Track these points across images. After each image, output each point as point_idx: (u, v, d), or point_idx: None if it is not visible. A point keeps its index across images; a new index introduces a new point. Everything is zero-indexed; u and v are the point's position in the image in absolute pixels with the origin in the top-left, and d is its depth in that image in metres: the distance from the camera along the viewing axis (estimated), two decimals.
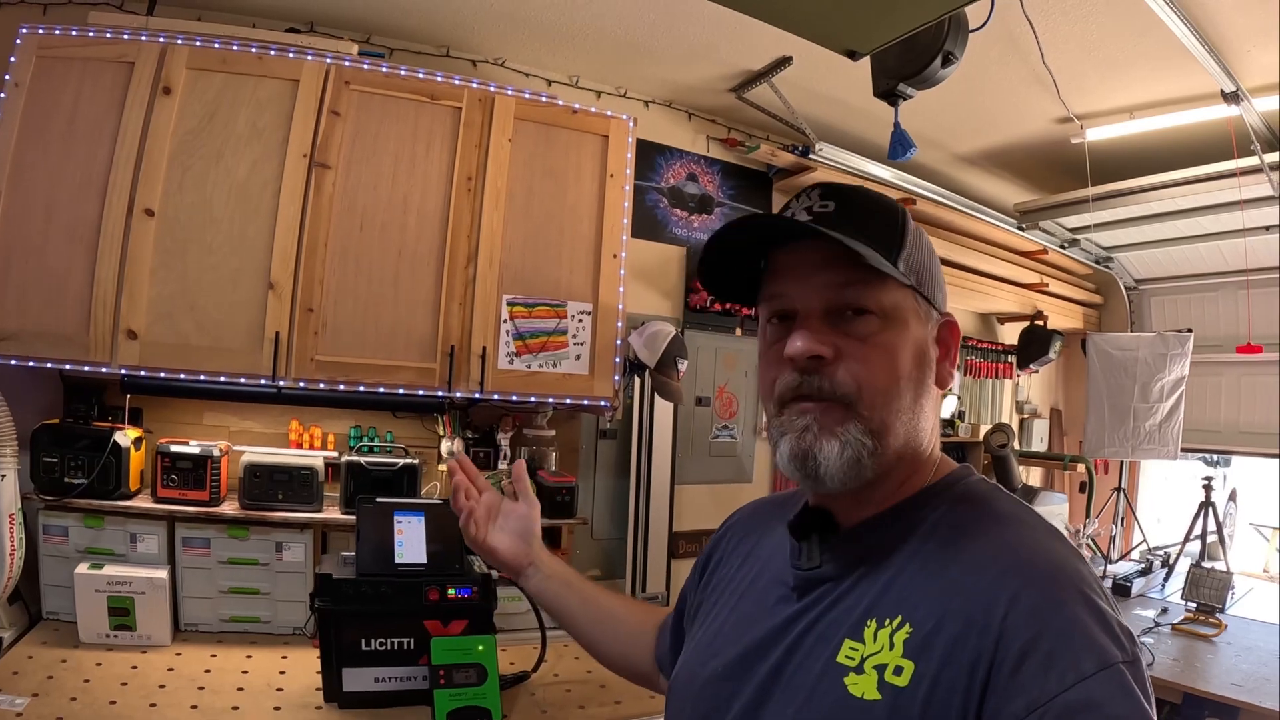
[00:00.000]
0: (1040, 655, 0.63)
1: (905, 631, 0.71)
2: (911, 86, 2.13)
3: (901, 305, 0.79)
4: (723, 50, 2.78)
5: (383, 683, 1.84)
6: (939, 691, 0.66)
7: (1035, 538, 0.74)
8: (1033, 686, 0.62)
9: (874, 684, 0.70)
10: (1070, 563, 0.71)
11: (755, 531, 1.00)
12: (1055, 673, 0.62)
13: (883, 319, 0.78)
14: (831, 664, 0.74)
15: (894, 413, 0.78)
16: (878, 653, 0.71)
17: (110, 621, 1.99)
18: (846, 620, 0.76)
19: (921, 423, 0.81)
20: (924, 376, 0.81)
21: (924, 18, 1.44)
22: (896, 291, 0.79)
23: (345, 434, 2.59)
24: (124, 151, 2.05)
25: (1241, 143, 2.80)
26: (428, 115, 2.37)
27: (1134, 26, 2.31)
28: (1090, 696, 0.61)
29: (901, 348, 0.78)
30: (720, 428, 3.51)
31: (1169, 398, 3.94)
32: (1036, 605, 0.66)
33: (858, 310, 0.78)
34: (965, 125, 3.34)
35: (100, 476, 2.07)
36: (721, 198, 3.48)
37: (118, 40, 2.07)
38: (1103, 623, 0.66)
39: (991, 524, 0.76)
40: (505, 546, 1.19)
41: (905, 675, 0.69)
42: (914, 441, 0.80)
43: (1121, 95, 2.86)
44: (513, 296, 2.49)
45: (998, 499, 0.81)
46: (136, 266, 2.05)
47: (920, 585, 0.73)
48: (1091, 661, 0.62)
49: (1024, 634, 0.64)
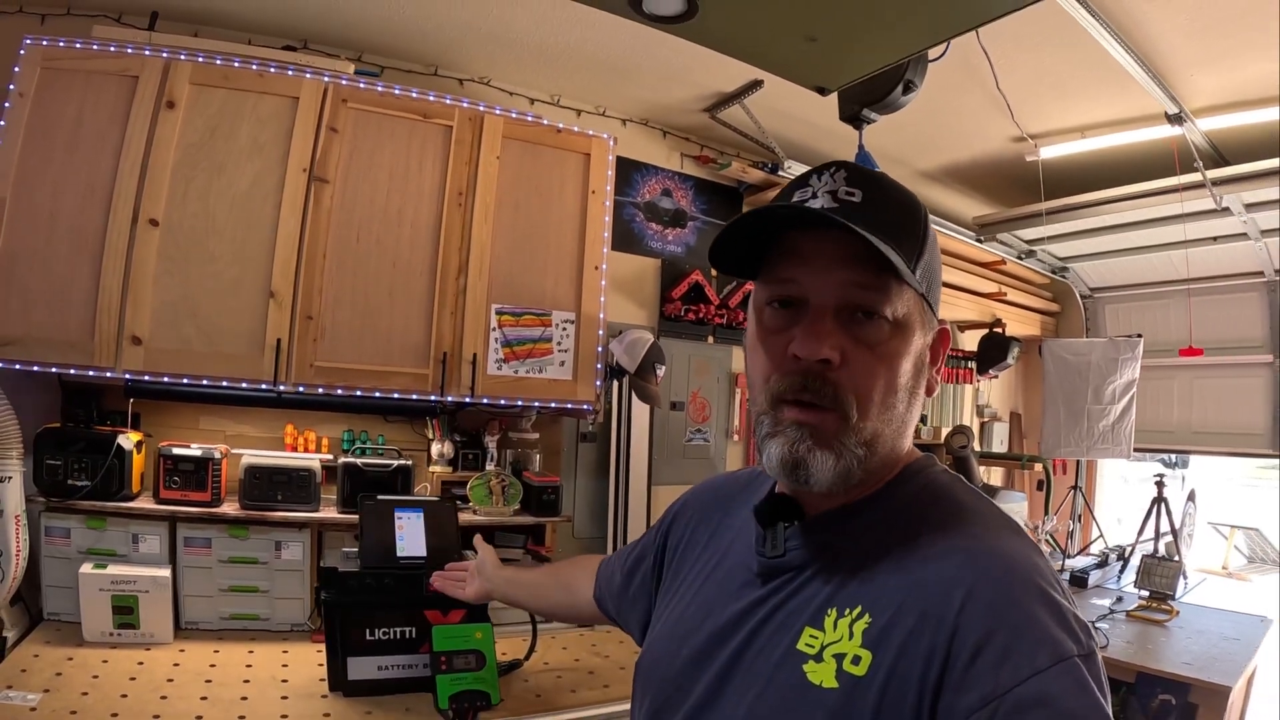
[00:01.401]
0: (995, 649, 0.64)
1: (864, 622, 0.71)
2: (875, 112, 2.29)
3: (911, 313, 0.77)
4: (698, 73, 2.92)
5: (386, 670, 1.93)
6: (894, 683, 0.67)
7: (992, 531, 0.75)
8: (987, 680, 0.63)
9: (832, 672, 0.71)
10: (1026, 556, 0.71)
11: (718, 513, 0.99)
12: (1009, 666, 0.62)
13: (893, 326, 0.76)
14: (791, 651, 0.75)
15: (887, 422, 0.77)
16: (837, 641, 0.72)
17: (114, 620, 2.04)
18: (807, 608, 0.76)
19: (908, 428, 0.81)
20: (919, 385, 0.80)
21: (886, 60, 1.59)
22: (910, 299, 0.77)
23: (338, 437, 2.67)
24: (128, 162, 2.12)
25: (1185, 160, 3.01)
26: (421, 133, 2.47)
27: (1083, 55, 2.49)
28: (1045, 690, 0.61)
29: (905, 358, 0.77)
30: (694, 431, 3.63)
31: (1121, 400, 4.15)
32: (991, 599, 0.66)
33: (868, 313, 0.75)
34: (927, 144, 3.53)
35: (104, 479, 2.12)
36: (694, 212, 3.62)
37: (121, 54, 2.14)
38: (1058, 616, 0.66)
39: (950, 517, 0.77)
40: (473, 591, 1.61)
41: (863, 665, 0.69)
42: (898, 445, 0.81)
43: (1073, 116, 3.05)
44: (501, 305, 2.59)
45: (957, 491, 0.82)
46: (140, 274, 2.12)
47: (880, 576, 0.74)
48: (1046, 655, 0.63)
49: (979, 628, 0.65)
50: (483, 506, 2.67)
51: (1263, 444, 4.21)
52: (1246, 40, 2.40)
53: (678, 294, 3.47)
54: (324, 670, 1.97)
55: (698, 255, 3.61)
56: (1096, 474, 5.13)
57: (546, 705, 2.01)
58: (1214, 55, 2.48)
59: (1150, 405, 4.36)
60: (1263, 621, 3.07)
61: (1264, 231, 3.69)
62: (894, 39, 1.46)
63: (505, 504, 2.71)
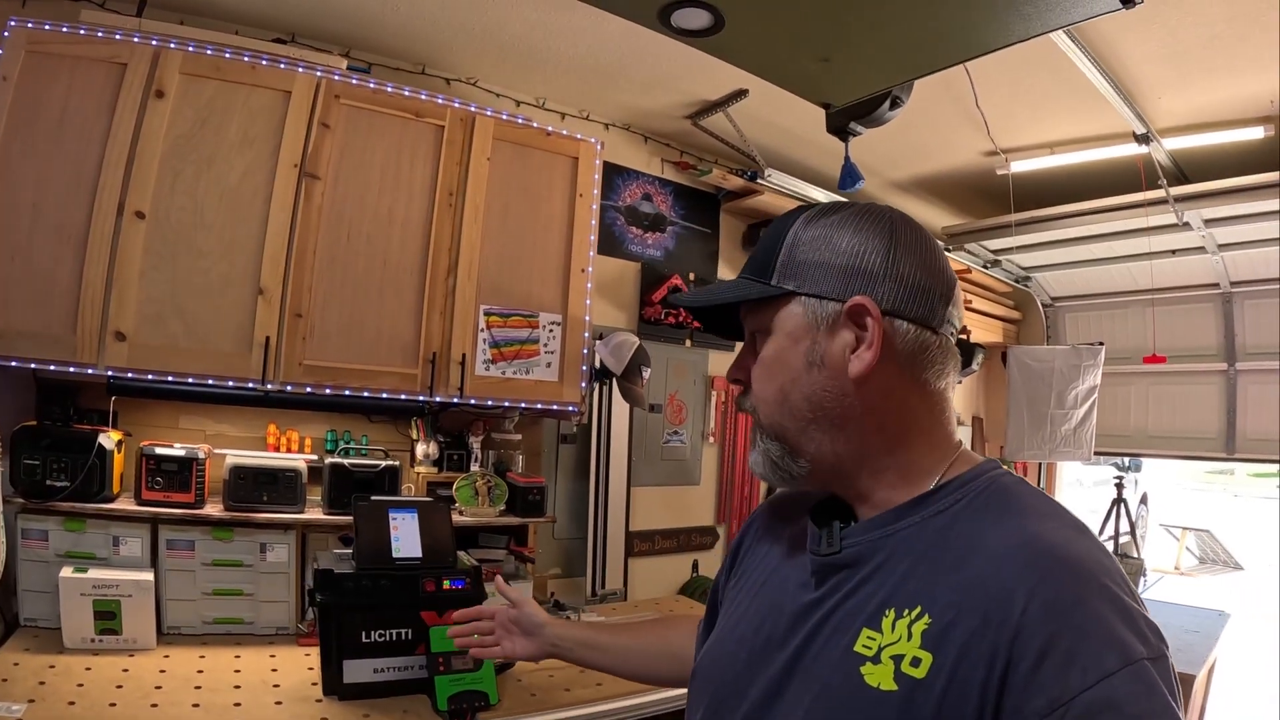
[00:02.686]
0: (1061, 652, 0.62)
1: (924, 622, 0.70)
2: (862, 125, 2.34)
3: (785, 316, 0.83)
4: (684, 80, 2.95)
5: (382, 673, 1.91)
6: (956, 685, 0.66)
7: (1058, 530, 0.72)
8: (1054, 684, 0.61)
9: (890, 674, 0.69)
10: (1093, 556, 0.69)
11: (780, 521, 0.99)
12: (1077, 669, 0.61)
13: (772, 335, 0.84)
14: (849, 653, 0.73)
15: (790, 415, 0.82)
16: (895, 643, 0.71)
17: (96, 625, 1.98)
18: (864, 609, 0.75)
19: (854, 415, 0.80)
20: (823, 376, 0.81)
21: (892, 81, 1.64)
22: (780, 306, 0.83)
23: (321, 437, 2.64)
24: (115, 152, 2.06)
25: (1150, 177, 3.14)
26: (412, 132, 2.46)
27: (1059, 75, 2.59)
28: (1113, 694, 0.60)
29: (783, 358, 0.82)
30: (671, 433, 3.66)
31: (1083, 405, 4.30)
32: (1056, 600, 0.65)
33: (755, 333, 0.86)
34: (901, 155, 3.61)
35: (84, 479, 2.06)
36: (674, 217, 3.65)
37: (110, 40, 2.08)
38: (1126, 618, 0.64)
39: (1014, 516, 0.74)
40: (524, 650, 1.34)
41: (923, 667, 0.68)
42: (863, 433, 0.81)
43: (1044, 132, 3.16)
44: (490, 307, 2.59)
45: (1023, 492, 0.79)
46: (126, 268, 2.06)
47: (940, 576, 0.72)
48: (1114, 658, 0.61)
49: (1044, 630, 0.63)
50: (469, 507, 2.65)
51: (1215, 447, 4.41)
52: (1212, 66, 2.52)
53: (657, 297, 3.50)
54: (315, 674, 1.95)
55: (677, 260, 3.64)
56: (1056, 477, 5.29)
57: (542, 704, 2.01)
58: (1181, 79, 2.60)
59: (1109, 410, 4.52)
60: (1220, 615, 3.21)
61: (1221, 246, 3.87)
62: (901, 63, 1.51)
63: (491, 505, 2.70)
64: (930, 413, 0.83)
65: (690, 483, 3.74)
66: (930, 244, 0.84)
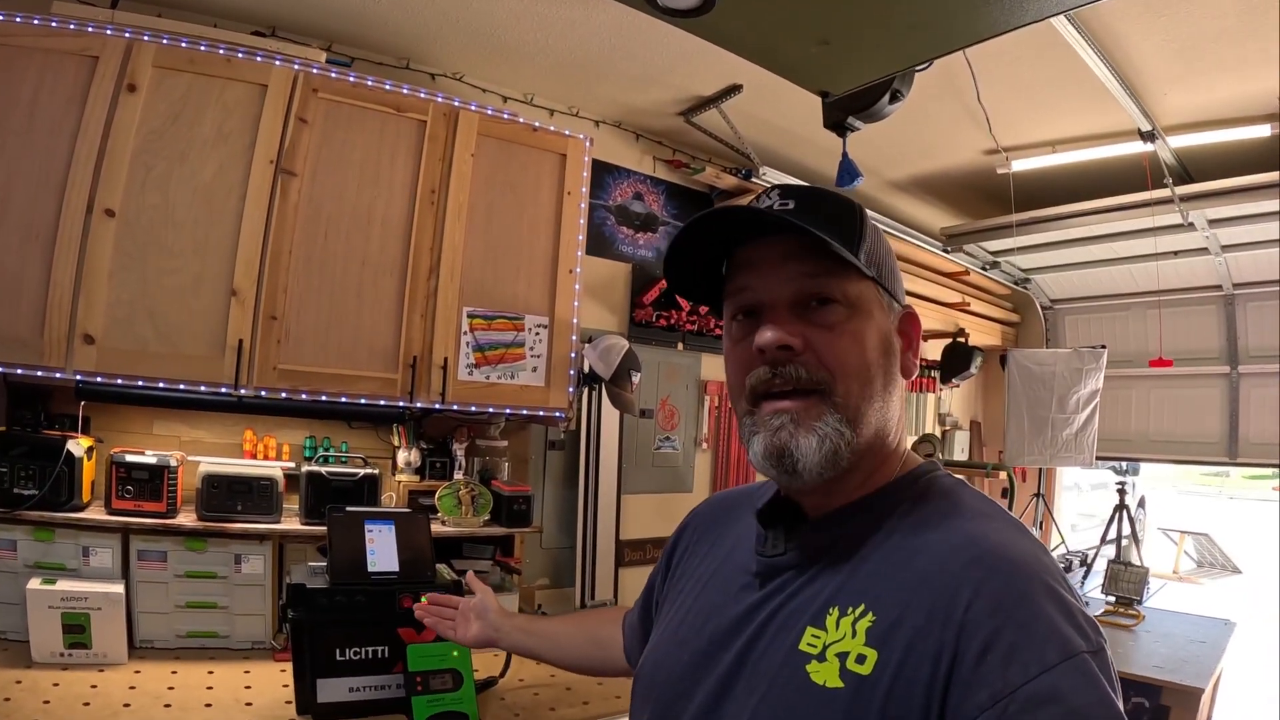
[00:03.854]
0: (1003, 646, 0.63)
1: (869, 620, 0.71)
2: (860, 120, 2.26)
3: (865, 295, 0.80)
4: (677, 75, 2.87)
5: (357, 692, 1.83)
6: (902, 681, 0.66)
7: (999, 530, 0.74)
8: (996, 678, 0.62)
9: (836, 672, 0.70)
10: (1034, 554, 0.71)
11: (720, 523, 1.00)
12: (1019, 664, 0.62)
13: (849, 308, 0.79)
14: (794, 652, 0.74)
15: (868, 399, 0.79)
16: (840, 640, 0.71)
17: (65, 639, 1.90)
18: (809, 608, 0.76)
19: (890, 412, 0.82)
20: (890, 365, 0.81)
21: (894, 68, 1.57)
22: (860, 282, 0.80)
23: (300, 444, 2.56)
24: (85, 148, 1.98)
25: (1155, 176, 3.07)
26: (393, 127, 2.38)
27: (1062, 69, 2.52)
28: (1055, 687, 0.61)
29: (869, 334, 0.79)
30: (663, 439, 3.59)
31: (1084, 409, 4.23)
32: (1000, 597, 0.66)
33: (823, 300, 0.79)
34: (899, 154, 3.54)
35: (53, 487, 1.98)
36: (665, 217, 3.58)
37: (82, 33, 2.00)
38: (1066, 613, 0.66)
39: (956, 517, 0.76)
40: (473, 634, 1.41)
41: (868, 664, 0.68)
42: (884, 431, 0.81)
43: (1046, 130, 3.09)
44: (473, 309, 2.51)
45: (963, 493, 0.82)
46: (94, 269, 1.99)
47: (884, 575, 0.73)
48: (1055, 652, 0.63)
49: (987, 626, 0.65)
50: (451, 517, 2.57)
51: (1217, 452, 4.35)
52: (1219, 61, 2.46)
53: (648, 299, 3.42)
54: (289, 692, 1.86)
55: None
56: (1055, 482, 5.22)
57: None
58: (1189, 74, 2.53)
59: (1109, 414, 4.46)
60: (1225, 624, 3.14)
61: (1224, 247, 3.81)
62: (905, 47, 1.43)
63: (475, 515, 2.62)
64: (903, 417, 0.87)
65: (683, 490, 3.66)
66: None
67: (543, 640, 1.38)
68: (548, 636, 1.39)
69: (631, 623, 1.20)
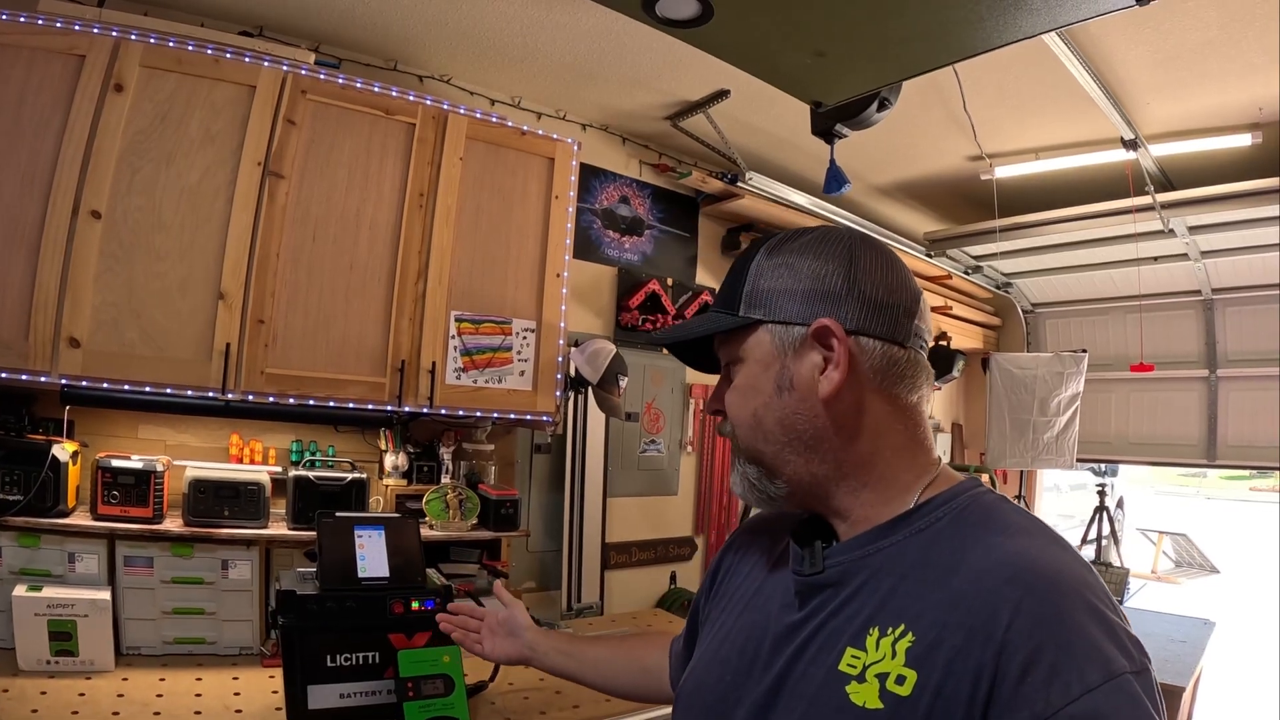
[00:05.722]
0: (1044, 666, 0.62)
1: (908, 640, 0.70)
2: (848, 127, 2.28)
3: (752, 343, 0.85)
4: (664, 80, 2.88)
5: (348, 698, 1.81)
6: (942, 702, 0.66)
7: (1041, 547, 0.73)
8: (1037, 698, 0.61)
9: (875, 693, 0.70)
10: (1076, 572, 0.70)
11: (762, 542, 0.99)
12: (1060, 684, 0.61)
13: (742, 363, 0.86)
14: (834, 672, 0.74)
15: (761, 439, 0.84)
16: (880, 661, 0.71)
17: (51, 647, 1.88)
18: (849, 628, 0.75)
19: (827, 435, 0.81)
20: (794, 399, 0.82)
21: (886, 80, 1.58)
22: (748, 335, 0.85)
23: (286, 448, 2.54)
24: (70, 149, 1.95)
25: (1137, 183, 3.11)
26: (382, 130, 2.37)
27: (1047, 78, 2.55)
28: (1097, 708, 0.60)
29: (755, 384, 0.84)
30: (648, 442, 3.59)
31: (1065, 412, 4.29)
32: (1040, 615, 0.65)
33: (731, 363, 0.88)
34: (885, 159, 3.57)
35: (38, 493, 1.95)
36: (651, 220, 3.58)
37: (69, 31, 1.97)
38: (1109, 632, 0.65)
39: (996, 534, 0.75)
40: (504, 651, 1.38)
41: (907, 685, 0.68)
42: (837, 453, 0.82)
43: (1030, 137, 3.13)
44: (461, 313, 2.51)
45: (1004, 509, 0.80)
46: (80, 271, 1.95)
47: (923, 594, 0.72)
48: (1097, 672, 0.62)
49: (1027, 645, 0.64)
50: (439, 521, 2.57)
51: (1196, 454, 4.41)
52: (1201, 72, 2.49)
53: (634, 303, 3.42)
54: (280, 698, 1.84)
55: (654, 264, 3.58)
56: (1036, 484, 5.28)
57: None
58: (1172, 84, 2.57)
59: (1089, 417, 4.52)
60: (1205, 624, 3.19)
61: (1204, 253, 3.87)
62: (899, 60, 1.44)
63: (462, 519, 2.62)
64: (904, 428, 0.83)
65: (668, 493, 3.67)
66: (891, 260, 0.85)
67: (584, 664, 1.33)
68: (590, 662, 1.34)
69: (677, 650, 1.18)
